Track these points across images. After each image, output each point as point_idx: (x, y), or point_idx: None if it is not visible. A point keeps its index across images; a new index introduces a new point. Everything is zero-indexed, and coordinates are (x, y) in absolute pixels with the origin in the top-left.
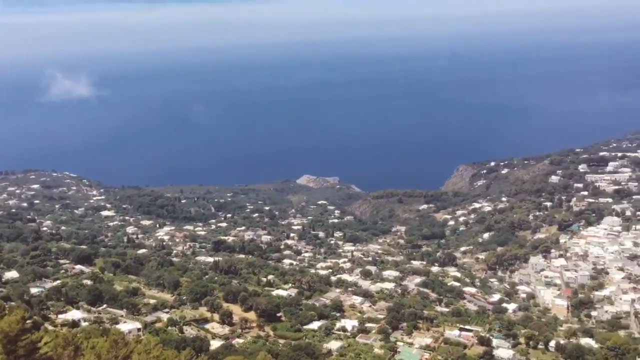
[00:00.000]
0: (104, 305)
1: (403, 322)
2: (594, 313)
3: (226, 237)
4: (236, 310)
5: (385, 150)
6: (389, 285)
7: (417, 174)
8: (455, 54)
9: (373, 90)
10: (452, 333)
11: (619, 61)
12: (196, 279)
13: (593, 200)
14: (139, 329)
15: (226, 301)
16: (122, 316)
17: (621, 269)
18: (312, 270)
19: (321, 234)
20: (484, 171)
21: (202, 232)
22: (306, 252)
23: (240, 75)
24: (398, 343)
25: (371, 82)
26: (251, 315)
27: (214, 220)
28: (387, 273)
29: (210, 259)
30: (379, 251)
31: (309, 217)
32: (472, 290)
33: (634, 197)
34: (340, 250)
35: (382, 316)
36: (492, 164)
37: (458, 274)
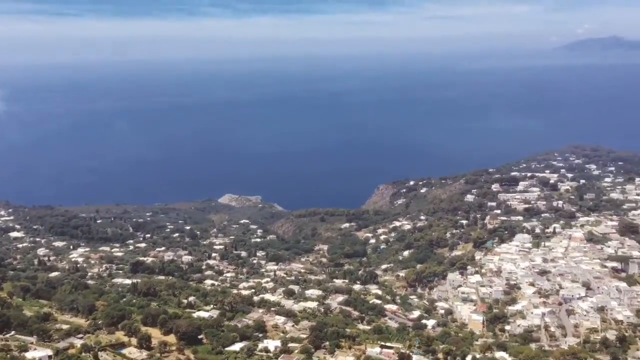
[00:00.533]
0: (12, 332)
1: (326, 341)
2: (507, 327)
3: (145, 258)
4: (155, 334)
5: (308, 169)
6: (312, 304)
7: (339, 193)
8: (372, 76)
9: (293, 109)
10: (374, 351)
11: (520, 86)
12: (113, 302)
13: (505, 218)
14: (50, 357)
15: (145, 324)
16: (32, 343)
17: (532, 284)
18: (235, 291)
19: (244, 254)
20: (404, 190)
21: (120, 253)
22: (228, 272)
23: (158, 92)
24: None
25: (289, 100)
26: (171, 338)
27: (132, 241)
28: (310, 292)
29: (128, 281)
30: (302, 270)
31: (231, 237)
32: (393, 307)
33: (542, 215)
34: (263, 270)
35: (304, 336)
36: (412, 183)
37: (379, 292)
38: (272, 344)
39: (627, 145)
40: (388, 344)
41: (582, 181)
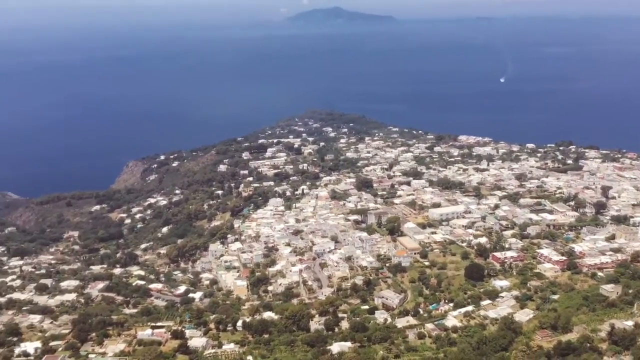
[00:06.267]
0: None
1: (92, 332)
2: (270, 288)
3: None
4: None
5: (41, 150)
6: (70, 297)
7: (84, 174)
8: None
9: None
10: (145, 333)
11: (253, 55)
12: None
13: (258, 185)
14: None
15: None
16: None
17: (288, 244)
18: None
19: None
20: (155, 165)
21: None
22: None
23: None
24: (90, 355)
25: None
26: None
27: None
28: (65, 284)
29: None
30: (53, 261)
31: None
32: (158, 286)
33: (291, 178)
34: (6, 267)
35: (67, 331)
36: (162, 157)
37: (142, 272)
38: (30, 347)
39: (353, 108)
40: (159, 324)
41: (322, 144)
